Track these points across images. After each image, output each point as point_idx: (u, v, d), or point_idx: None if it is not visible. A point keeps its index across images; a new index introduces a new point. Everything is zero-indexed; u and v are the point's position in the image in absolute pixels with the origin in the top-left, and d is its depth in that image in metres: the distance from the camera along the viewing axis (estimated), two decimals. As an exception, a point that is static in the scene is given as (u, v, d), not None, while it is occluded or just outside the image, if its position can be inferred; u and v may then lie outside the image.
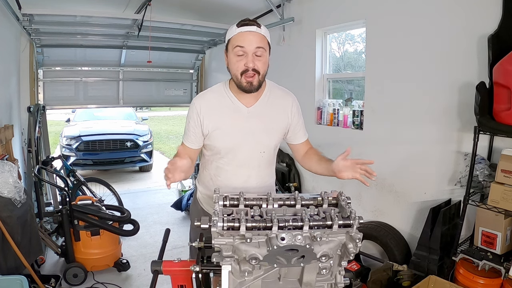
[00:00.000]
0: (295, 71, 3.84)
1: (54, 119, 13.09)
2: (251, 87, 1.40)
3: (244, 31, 1.36)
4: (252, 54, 1.36)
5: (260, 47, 1.36)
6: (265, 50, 1.40)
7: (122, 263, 3.13)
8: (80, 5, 4.17)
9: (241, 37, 1.36)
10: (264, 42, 1.39)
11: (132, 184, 6.68)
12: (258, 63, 1.38)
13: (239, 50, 1.36)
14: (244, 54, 1.37)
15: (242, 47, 1.36)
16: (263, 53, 1.38)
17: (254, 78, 1.38)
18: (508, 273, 1.85)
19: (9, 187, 2.18)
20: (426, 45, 2.48)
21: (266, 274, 0.97)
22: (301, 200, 1.01)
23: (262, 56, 1.39)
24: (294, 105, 1.58)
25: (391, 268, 2.29)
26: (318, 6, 3.46)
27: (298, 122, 1.60)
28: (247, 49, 1.36)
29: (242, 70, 1.37)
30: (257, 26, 1.38)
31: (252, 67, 1.36)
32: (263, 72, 1.41)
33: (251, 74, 1.37)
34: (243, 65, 1.37)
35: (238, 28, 1.37)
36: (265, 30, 1.41)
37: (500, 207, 1.90)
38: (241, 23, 1.38)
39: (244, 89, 1.41)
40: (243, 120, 1.49)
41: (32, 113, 3.78)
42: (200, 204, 1.69)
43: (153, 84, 5.87)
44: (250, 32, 1.36)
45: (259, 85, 1.42)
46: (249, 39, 1.35)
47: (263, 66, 1.40)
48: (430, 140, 2.51)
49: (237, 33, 1.37)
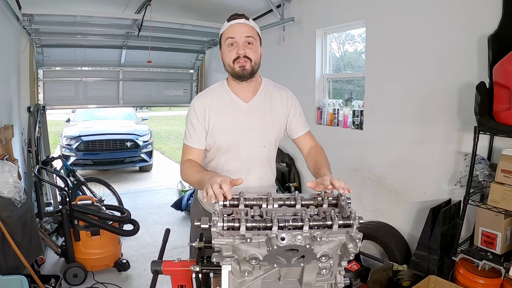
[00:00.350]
0: (295, 71, 3.84)
1: (54, 119, 13.09)
2: (244, 71, 1.45)
3: (233, 24, 1.46)
4: (243, 43, 1.44)
5: (249, 36, 1.44)
6: (255, 39, 1.47)
7: (122, 263, 3.13)
8: (80, 5, 4.17)
9: (231, 29, 1.45)
10: (253, 32, 1.47)
11: (132, 184, 6.68)
12: (249, 50, 1.44)
13: (230, 41, 1.44)
14: (235, 44, 1.44)
15: (233, 38, 1.44)
16: (253, 42, 1.45)
17: (246, 63, 1.45)
18: (508, 273, 1.85)
19: (9, 187, 2.17)
20: (426, 45, 2.48)
21: (266, 274, 0.97)
22: (301, 200, 1.01)
23: (253, 45, 1.46)
24: (289, 99, 1.61)
25: (391, 268, 2.29)
26: (318, 6, 3.46)
27: (295, 115, 1.62)
28: (237, 39, 1.44)
29: (234, 58, 1.45)
30: (245, 18, 1.47)
31: (243, 53, 1.43)
32: (255, 60, 1.46)
33: (243, 60, 1.44)
34: (234, 53, 1.44)
35: (228, 22, 1.47)
36: (253, 23, 1.50)
37: (500, 207, 1.90)
38: (231, 17, 1.48)
39: (238, 74, 1.46)
40: (243, 116, 1.52)
41: (32, 113, 3.78)
42: (201, 204, 1.69)
43: (153, 84, 5.87)
44: (239, 23, 1.45)
45: (253, 71, 1.47)
46: (239, 30, 1.44)
47: (255, 54, 1.46)
48: (430, 140, 2.51)
49: (228, 27, 1.46)
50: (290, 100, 1.60)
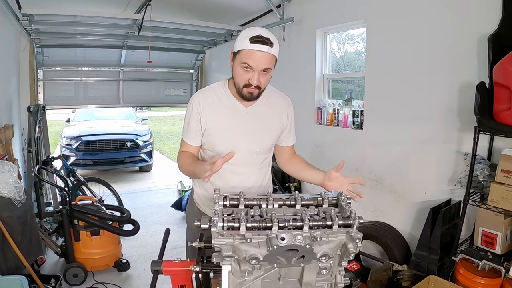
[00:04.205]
0: (295, 71, 3.84)
1: (54, 119, 13.08)
2: (251, 97, 1.44)
3: (255, 51, 1.32)
4: (259, 72, 1.36)
5: (267, 68, 1.37)
6: (271, 68, 1.40)
7: (122, 263, 3.13)
8: (80, 5, 4.17)
9: (251, 55, 1.33)
10: (273, 61, 1.39)
11: (132, 184, 6.68)
12: (262, 79, 1.39)
13: (246, 66, 1.35)
14: (251, 71, 1.37)
15: (250, 66, 1.35)
16: (269, 71, 1.39)
17: (255, 90, 1.41)
18: (508, 273, 1.85)
19: (9, 187, 2.17)
20: (426, 45, 2.48)
21: (266, 274, 0.97)
22: (301, 200, 1.01)
23: (268, 74, 1.40)
24: (290, 108, 1.62)
25: (391, 268, 2.29)
26: (318, 6, 3.46)
27: (291, 125, 1.64)
28: (255, 68, 1.36)
29: (245, 83, 1.40)
30: (269, 46, 1.33)
31: (256, 84, 1.38)
32: (264, 86, 1.44)
33: (253, 88, 1.40)
34: (247, 80, 1.38)
35: (251, 44, 1.32)
36: (276, 49, 1.36)
37: (500, 207, 1.90)
38: (254, 39, 1.32)
39: (244, 98, 1.45)
40: (241, 119, 1.52)
41: (32, 113, 3.78)
42: (197, 205, 1.69)
43: (153, 84, 5.87)
44: (262, 52, 1.33)
45: (259, 95, 1.46)
46: (258, 60, 1.33)
47: (266, 82, 1.43)
48: (430, 140, 2.51)
49: (248, 50, 1.33)
50: (290, 109, 1.62)
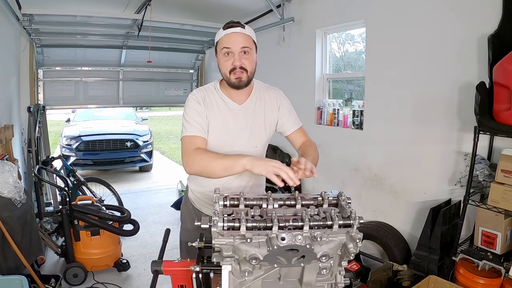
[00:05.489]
0: (295, 71, 3.84)
1: (54, 119, 13.08)
2: (240, 82, 1.46)
3: (229, 33, 1.44)
4: (239, 53, 1.43)
5: (245, 46, 1.44)
6: (251, 49, 1.46)
7: (122, 263, 3.13)
8: (80, 5, 4.17)
9: (227, 39, 1.44)
10: (249, 41, 1.46)
11: (132, 184, 6.68)
12: (245, 61, 1.44)
13: (226, 51, 1.44)
14: (231, 54, 1.44)
15: (229, 48, 1.43)
16: (249, 51, 1.45)
17: (243, 74, 1.45)
18: (508, 273, 1.85)
19: (9, 187, 2.17)
20: (426, 45, 2.48)
21: (266, 274, 0.97)
22: (301, 200, 1.01)
23: (249, 54, 1.45)
24: (279, 97, 1.64)
25: (391, 268, 2.29)
26: (318, 6, 3.46)
27: (286, 113, 1.64)
28: (233, 49, 1.43)
29: (230, 68, 1.45)
30: (241, 27, 1.45)
31: (239, 65, 1.43)
32: (250, 70, 1.47)
33: (239, 72, 1.44)
34: (230, 64, 1.44)
35: (224, 30, 1.45)
36: (249, 30, 1.48)
37: (500, 207, 1.90)
38: (226, 25, 1.46)
39: (234, 85, 1.48)
40: (236, 117, 1.54)
41: (32, 113, 3.78)
42: (192, 203, 1.70)
43: (153, 84, 5.87)
44: (235, 33, 1.43)
45: (248, 81, 1.49)
46: (234, 40, 1.43)
47: (250, 64, 1.46)
48: (430, 140, 2.51)
49: (223, 35, 1.45)
50: (279, 98, 1.63)
